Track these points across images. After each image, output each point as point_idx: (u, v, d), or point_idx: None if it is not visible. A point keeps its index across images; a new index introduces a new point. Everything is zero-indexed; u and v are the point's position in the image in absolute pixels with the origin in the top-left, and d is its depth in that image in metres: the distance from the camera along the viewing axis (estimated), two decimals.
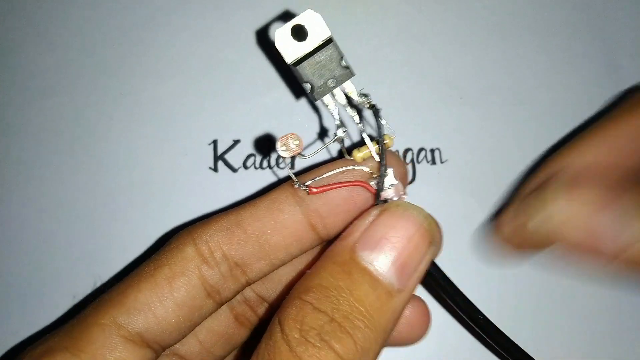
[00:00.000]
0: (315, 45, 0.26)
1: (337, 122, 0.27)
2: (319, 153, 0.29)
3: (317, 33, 0.26)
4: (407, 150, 0.41)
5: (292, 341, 0.23)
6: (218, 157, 0.40)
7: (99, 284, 0.38)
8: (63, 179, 0.40)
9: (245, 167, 0.40)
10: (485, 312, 0.30)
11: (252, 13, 0.42)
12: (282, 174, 0.40)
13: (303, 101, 0.41)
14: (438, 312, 0.39)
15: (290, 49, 0.26)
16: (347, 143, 0.39)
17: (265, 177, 0.40)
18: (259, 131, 0.41)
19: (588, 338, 0.40)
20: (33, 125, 0.40)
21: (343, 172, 0.28)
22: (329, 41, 0.26)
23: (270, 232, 0.28)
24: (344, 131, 0.27)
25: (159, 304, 0.26)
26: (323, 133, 0.41)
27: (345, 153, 0.28)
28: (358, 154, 0.28)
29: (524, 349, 0.31)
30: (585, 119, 0.42)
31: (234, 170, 0.40)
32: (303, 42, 0.26)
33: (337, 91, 0.27)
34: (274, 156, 0.41)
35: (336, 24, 0.42)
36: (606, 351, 0.39)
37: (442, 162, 0.41)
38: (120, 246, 0.39)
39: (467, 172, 0.41)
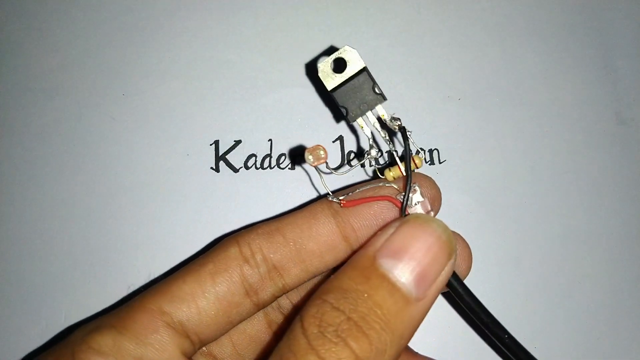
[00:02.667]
0: (351, 74, 0.30)
1: (370, 143, 0.30)
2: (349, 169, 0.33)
3: (353, 64, 0.30)
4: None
5: (310, 336, 0.24)
6: (219, 158, 0.41)
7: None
8: (64, 179, 0.40)
9: (247, 168, 0.41)
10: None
11: (253, 14, 0.43)
12: (284, 174, 0.41)
13: (303, 102, 0.42)
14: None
15: (329, 78, 0.30)
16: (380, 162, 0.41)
17: (266, 177, 0.41)
18: (260, 132, 0.41)
19: (588, 337, 0.40)
20: (36, 126, 0.41)
21: (374, 188, 0.31)
22: (362, 70, 0.30)
23: (306, 239, 0.30)
24: (377, 151, 0.31)
25: (201, 295, 0.29)
26: (323, 134, 0.41)
27: (377, 172, 0.31)
28: (389, 173, 0.31)
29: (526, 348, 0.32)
30: (581, 120, 0.43)
31: (235, 170, 0.41)
32: (341, 73, 0.30)
33: (370, 114, 0.30)
34: (274, 156, 0.41)
35: (336, 25, 0.43)
36: (606, 351, 0.40)
37: (440, 163, 0.41)
38: (119, 246, 0.39)
39: (465, 172, 0.41)
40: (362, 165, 0.40)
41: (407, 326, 0.26)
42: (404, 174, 0.30)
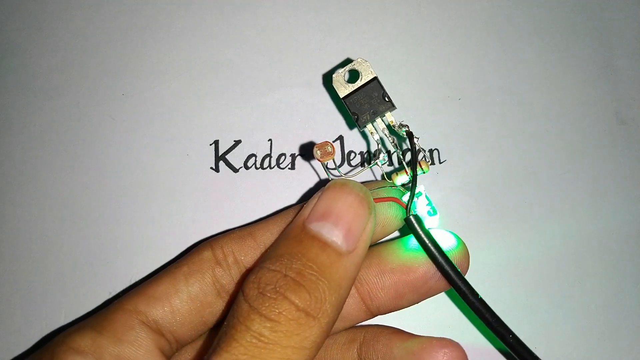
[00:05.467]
0: (363, 83, 0.32)
1: (379, 147, 0.32)
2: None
3: (365, 74, 0.32)
4: (406, 151, 0.42)
5: (250, 299, 0.25)
6: (219, 157, 0.41)
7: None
8: (64, 179, 0.40)
9: (246, 167, 0.41)
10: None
11: (252, 14, 0.43)
12: (284, 174, 0.41)
13: (303, 102, 0.42)
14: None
15: (342, 87, 0.32)
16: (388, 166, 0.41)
17: (266, 177, 0.41)
18: (260, 132, 0.41)
19: (588, 338, 0.40)
20: (35, 125, 0.41)
21: (383, 190, 0.32)
22: (373, 79, 0.32)
23: None
24: (385, 156, 0.32)
25: (174, 295, 0.30)
26: (323, 134, 0.41)
27: (385, 176, 0.33)
28: (396, 177, 0.33)
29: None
30: (581, 120, 0.43)
31: (235, 170, 0.41)
32: (353, 82, 0.32)
33: (379, 121, 0.32)
34: (274, 156, 0.41)
35: (336, 25, 0.43)
36: (607, 352, 0.40)
37: (440, 163, 0.41)
38: (119, 245, 0.39)
39: (465, 172, 0.41)
40: (371, 168, 0.41)
41: (342, 276, 0.27)
42: (410, 177, 0.32)
